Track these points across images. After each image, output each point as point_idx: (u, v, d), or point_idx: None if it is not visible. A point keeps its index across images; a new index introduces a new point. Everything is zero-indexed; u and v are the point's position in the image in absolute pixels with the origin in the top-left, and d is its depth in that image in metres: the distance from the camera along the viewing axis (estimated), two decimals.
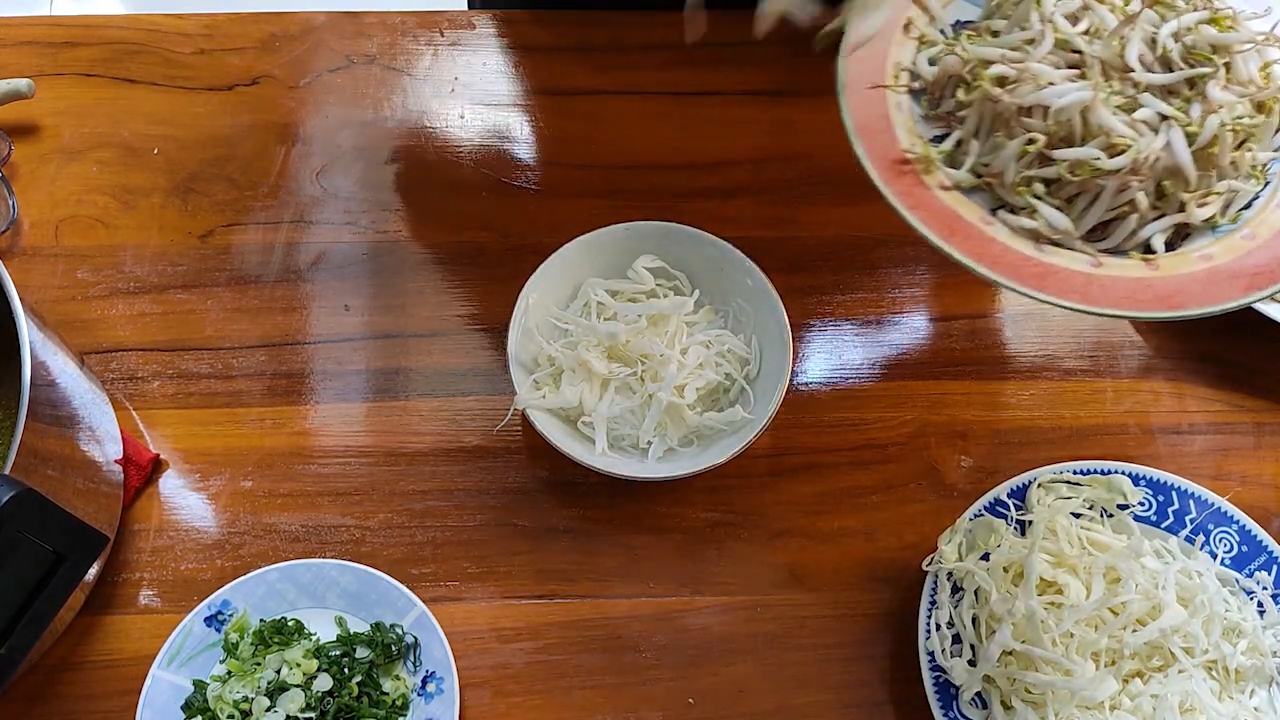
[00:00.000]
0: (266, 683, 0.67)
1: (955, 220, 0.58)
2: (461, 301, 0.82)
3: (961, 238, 0.57)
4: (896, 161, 0.60)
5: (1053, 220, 0.57)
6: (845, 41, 0.61)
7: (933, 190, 0.59)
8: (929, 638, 0.69)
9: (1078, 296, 0.55)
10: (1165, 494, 0.73)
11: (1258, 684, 0.68)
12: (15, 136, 0.86)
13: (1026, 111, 0.59)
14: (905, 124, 0.61)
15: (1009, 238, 0.58)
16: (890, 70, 0.63)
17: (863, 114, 0.60)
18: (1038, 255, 0.57)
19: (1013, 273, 0.56)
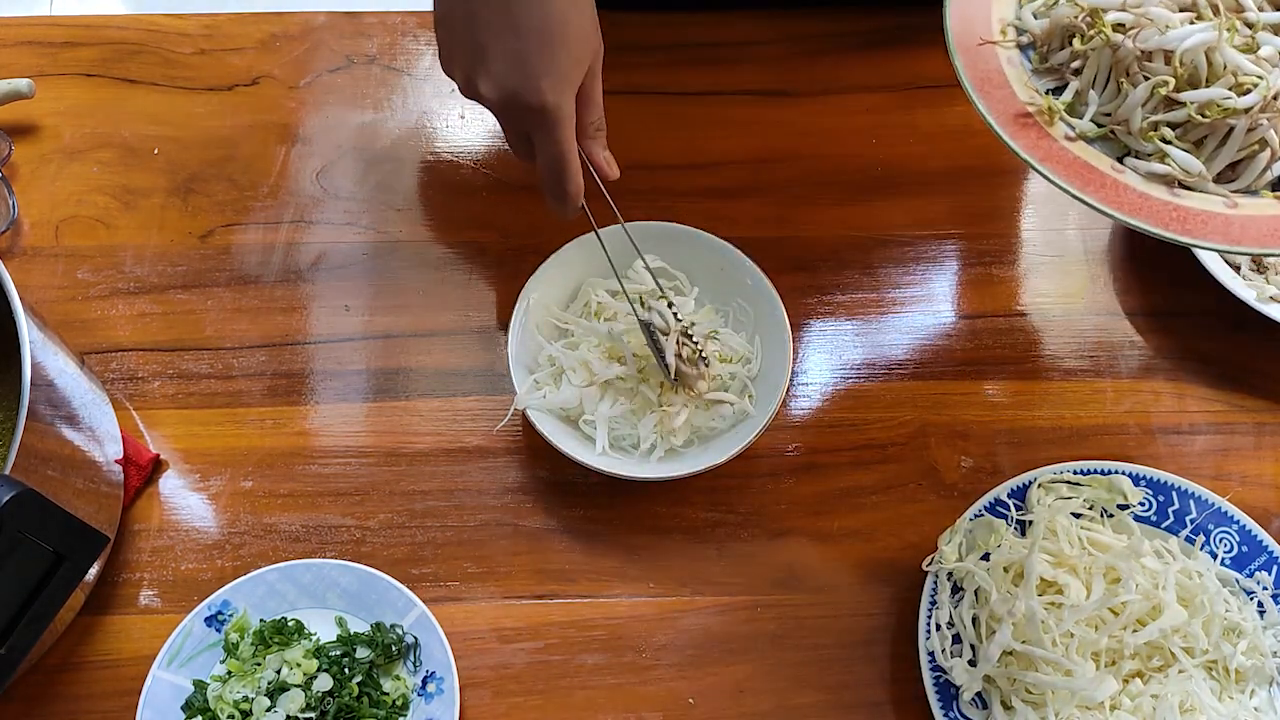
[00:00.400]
0: (266, 683, 0.67)
1: (1087, 170, 0.58)
2: (461, 301, 0.82)
3: (1096, 187, 0.57)
4: (1018, 115, 0.60)
5: (1185, 164, 0.57)
6: None
7: (1059, 141, 0.59)
8: (929, 638, 0.69)
9: (1220, 237, 0.55)
10: (1165, 494, 0.73)
11: (1258, 684, 0.68)
12: (15, 136, 0.86)
13: (1148, 56, 0.58)
14: (1020, 78, 0.61)
15: (1142, 184, 0.58)
16: (996, 25, 0.63)
17: (977, 71, 0.60)
18: (1173, 199, 0.57)
19: (1152, 217, 0.56)
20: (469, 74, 0.65)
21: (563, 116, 0.64)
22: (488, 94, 0.64)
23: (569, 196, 0.68)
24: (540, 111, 0.63)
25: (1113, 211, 0.56)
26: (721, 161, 0.88)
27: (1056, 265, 0.85)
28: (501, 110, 0.65)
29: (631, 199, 0.85)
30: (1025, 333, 0.82)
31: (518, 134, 0.68)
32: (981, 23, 0.63)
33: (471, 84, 0.65)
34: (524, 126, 0.66)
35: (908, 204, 0.86)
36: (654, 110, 0.90)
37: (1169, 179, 0.58)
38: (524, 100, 0.63)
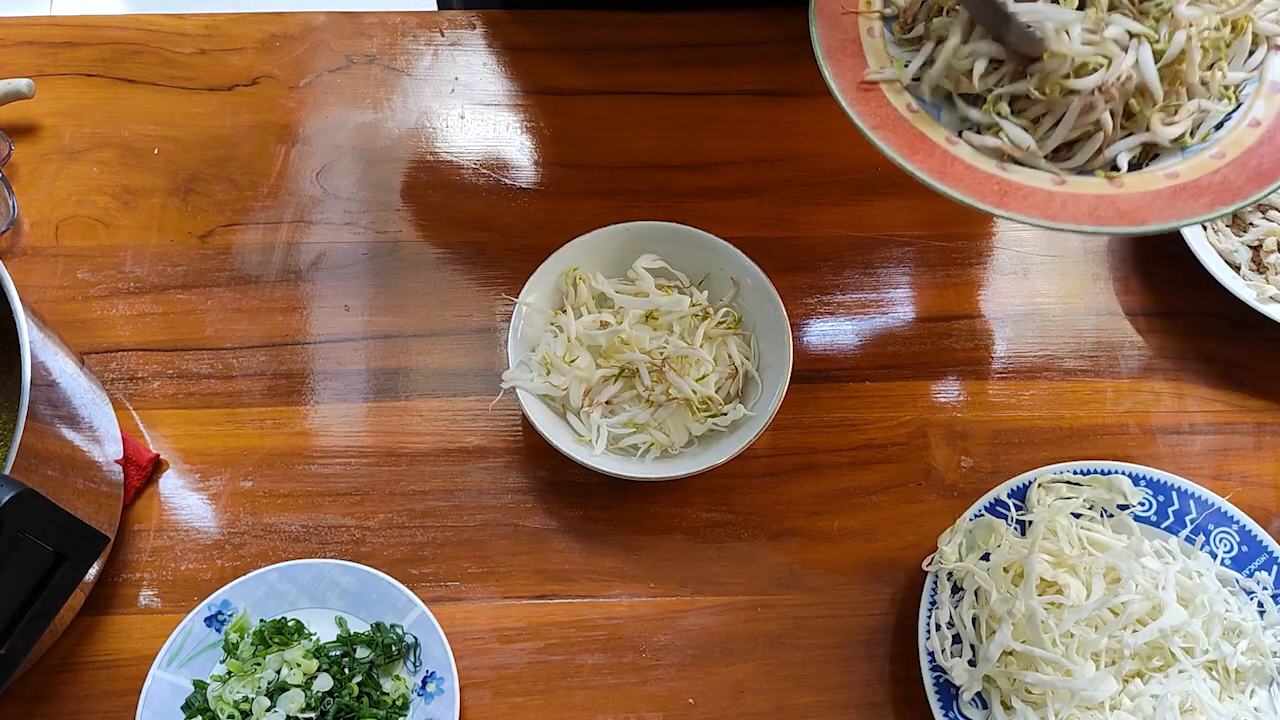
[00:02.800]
0: (266, 683, 0.67)
1: (919, 139, 0.58)
2: (462, 301, 0.82)
3: (924, 156, 0.57)
4: (863, 84, 0.60)
5: (1016, 138, 0.57)
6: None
7: (899, 110, 0.59)
8: (929, 638, 0.69)
9: (1038, 213, 0.55)
10: (1165, 494, 0.73)
11: (1258, 684, 0.68)
12: (15, 136, 0.86)
13: None
14: (876, 49, 0.61)
15: (972, 156, 0.58)
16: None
17: (833, 38, 0.61)
18: (1000, 173, 0.57)
19: (974, 190, 0.56)
20: None
21: None
22: None
23: None
24: None
25: (934, 182, 0.56)
26: (721, 161, 0.88)
27: (1056, 265, 0.85)
28: None
29: (631, 199, 0.85)
30: (1025, 333, 0.82)
31: None
32: None
33: None
34: None
35: (908, 204, 0.86)
36: (654, 110, 0.90)
37: (1000, 152, 0.58)
38: None
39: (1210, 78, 0.58)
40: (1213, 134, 0.58)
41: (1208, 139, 0.58)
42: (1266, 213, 0.82)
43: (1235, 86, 0.59)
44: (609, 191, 0.86)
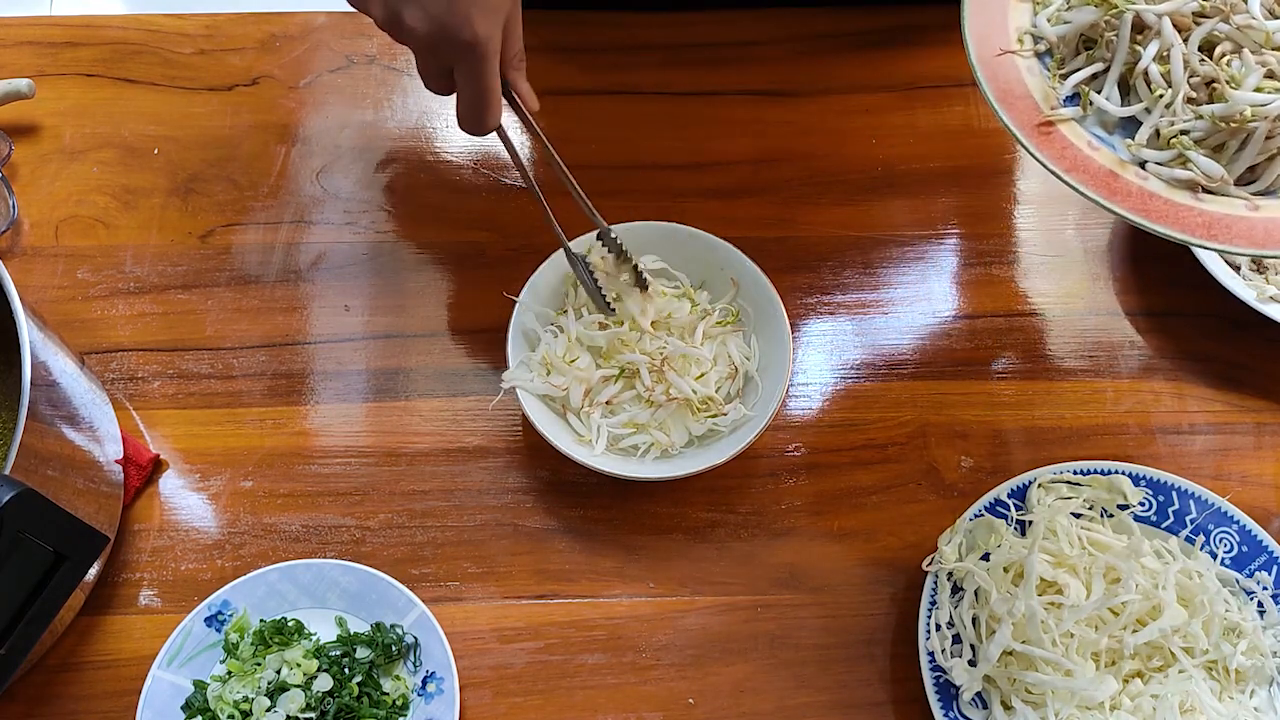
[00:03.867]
0: (266, 683, 0.67)
1: (1113, 179, 0.59)
2: (462, 301, 0.82)
3: (1123, 196, 0.58)
4: (1041, 125, 0.61)
5: (1209, 170, 0.58)
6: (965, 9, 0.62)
7: (1083, 149, 0.60)
8: (929, 638, 0.69)
9: (1246, 242, 0.56)
10: (1165, 494, 0.73)
11: (1258, 684, 0.68)
12: (15, 136, 0.86)
13: (1165, 60, 0.60)
14: (1040, 87, 0.62)
15: (1166, 190, 0.59)
16: (1014, 35, 0.63)
17: (998, 83, 0.61)
18: (1198, 205, 0.58)
19: (1181, 225, 0.57)
20: (392, 6, 0.62)
21: (491, 50, 0.62)
22: (414, 25, 0.61)
23: (487, 128, 0.67)
24: (470, 45, 0.61)
25: (1143, 221, 0.57)
26: (721, 161, 0.88)
27: (1056, 265, 0.85)
28: (427, 43, 0.62)
29: (632, 199, 0.85)
30: (1025, 333, 0.82)
31: (439, 68, 0.65)
32: (999, 32, 0.63)
33: (395, 17, 0.62)
34: (449, 60, 0.63)
35: (908, 204, 0.86)
36: (654, 110, 0.90)
37: (1192, 184, 0.58)
38: (453, 33, 0.61)
39: None
40: None
41: None
42: None
43: None
44: (609, 191, 0.86)
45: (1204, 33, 0.60)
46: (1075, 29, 0.62)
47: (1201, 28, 0.60)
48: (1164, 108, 0.59)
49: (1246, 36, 0.59)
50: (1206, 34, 0.60)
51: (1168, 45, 0.59)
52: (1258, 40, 0.59)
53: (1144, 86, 0.60)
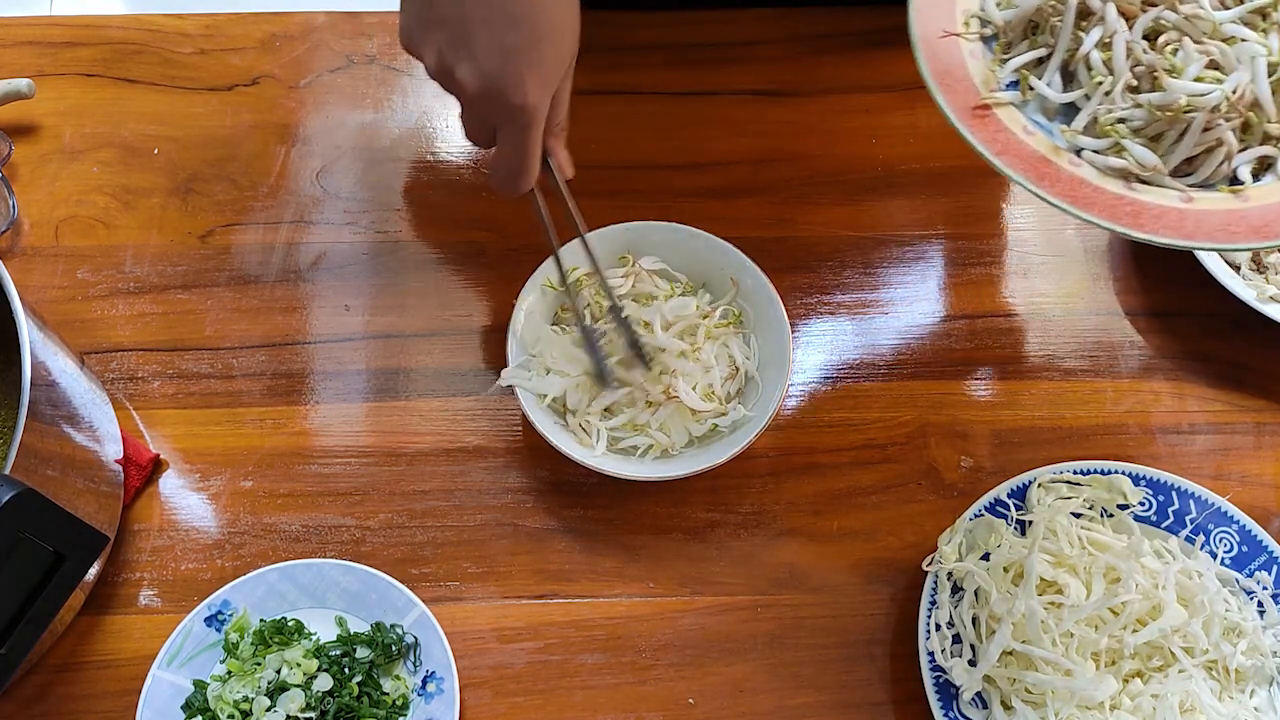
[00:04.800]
0: (266, 683, 0.67)
1: (1043, 163, 0.58)
2: (461, 301, 0.82)
3: (1052, 181, 0.57)
4: (977, 109, 0.60)
5: (1142, 158, 0.57)
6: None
7: (1017, 134, 0.59)
8: (929, 638, 0.69)
9: (1173, 233, 0.55)
10: (1165, 494, 0.73)
11: (1258, 684, 0.68)
12: (15, 136, 0.86)
13: (1107, 46, 0.59)
14: (981, 71, 0.61)
15: (1098, 178, 0.58)
16: (960, 17, 0.62)
17: (939, 64, 0.60)
18: (1129, 194, 0.57)
19: (1108, 213, 0.56)
20: (446, 57, 0.61)
21: (539, 117, 0.62)
22: (466, 81, 0.61)
23: (519, 191, 0.66)
24: (519, 110, 0.61)
25: (1068, 206, 0.56)
26: (721, 161, 0.88)
27: (1056, 265, 0.85)
28: (476, 101, 0.62)
29: (631, 199, 0.85)
30: (1025, 333, 0.82)
31: (484, 124, 0.64)
32: (945, 14, 0.62)
33: (446, 68, 0.61)
34: (495, 120, 0.63)
35: (908, 204, 0.86)
36: (654, 110, 0.90)
37: (1126, 173, 0.58)
38: (505, 96, 0.60)
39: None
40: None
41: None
42: None
43: None
44: (609, 191, 0.86)
45: (1149, 20, 0.59)
46: (1022, 13, 0.61)
47: (1147, 15, 0.59)
48: (1103, 95, 0.58)
49: (1193, 26, 0.58)
50: (1152, 22, 0.59)
51: (1111, 32, 0.58)
52: (1204, 30, 0.58)
53: (1085, 73, 0.59)
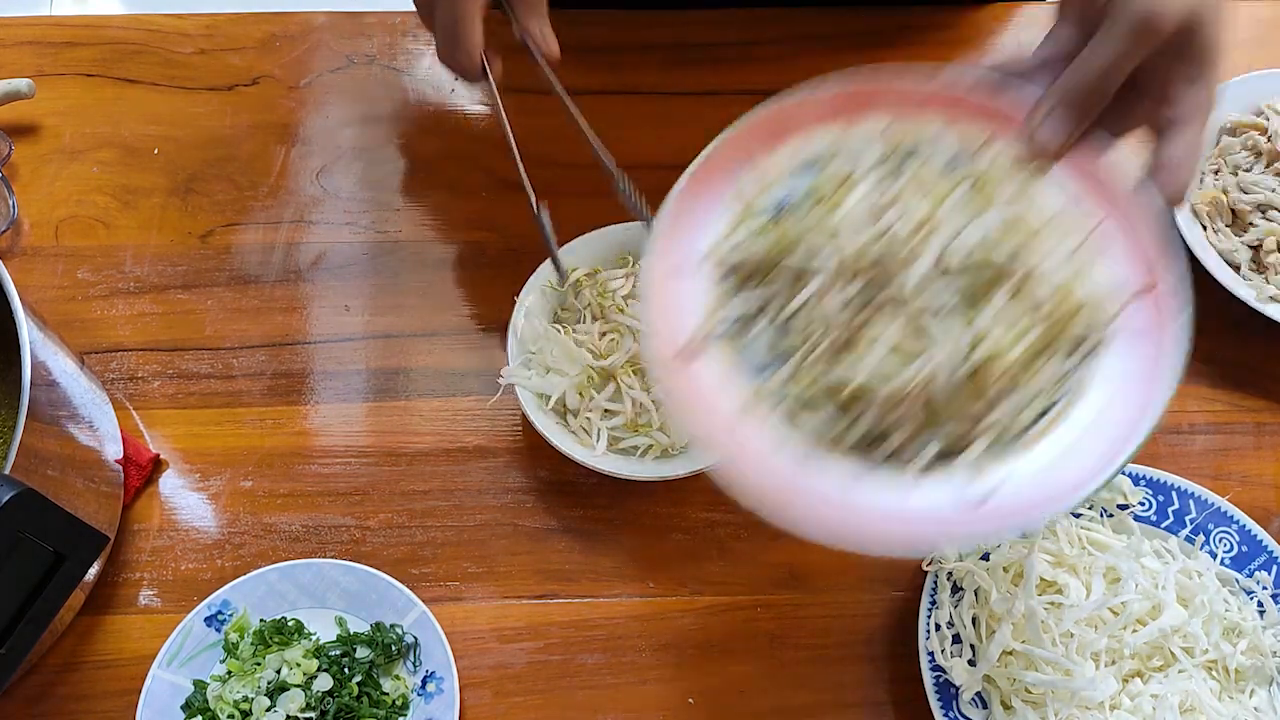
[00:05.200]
0: (266, 683, 0.67)
1: (724, 419, 0.54)
2: (461, 301, 0.82)
3: (721, 439, 0.53)
4: (684, 351, 0.55)
5: (815, 429, 0.54)
6: None
7: (711, 385, 0.54)
8: (929, 638, 0.69)
9: (816, 530, 0.51)
10: (1165, 494, 0.73)
11: (1258, 684, 0.68)
12: (15, 136, 0.86)
13: None
14: (702, 312, 0.56)
15: (771, 444, 0.54)
16: (701, 252, 0.57)
17: (658, 300, 0.55)
18: (796, 468, 0.53)
19: (757, 486, 0.52)
20: None
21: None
22: None
23: (458, 64, 0.59)
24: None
25: (724, 475, 0.52)
26: None
27: None
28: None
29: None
30: None
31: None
32: (686, 246, 0.56)
33: None
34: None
35: None
36: (654, 110, 0.89)
37: (804, 440, 0.54)
38: None
39: (1022, 377, 0.53)
40: (1027, 430, 0.54)
41: (1027, 432, 0.53)
42: (1266, 213, 0.82)
43: (1051, 384, 0.54)
44: (609, 191, 0.86)
45: (861, 284, 0.54)
46: (752, 258, 0.56)
47: (859, 279, 0.53)
48: (802, 356, 0.54)
49: (905, 297, 0.53)
50: (865, 286, 0.54)
51: (824, 291, 0.54)
52: (917, 303, 0.53)
53: (794, 330, 0.55)
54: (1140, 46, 0.50)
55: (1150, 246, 0.52)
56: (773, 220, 0.55)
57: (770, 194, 0.56)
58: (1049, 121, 0.52)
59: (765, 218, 0.56)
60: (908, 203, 0.52)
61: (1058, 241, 0.52)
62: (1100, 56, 0.50)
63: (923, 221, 0.52)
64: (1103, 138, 0.53)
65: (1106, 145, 0.53)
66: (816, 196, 0.55)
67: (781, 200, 0.56)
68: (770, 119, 0.57)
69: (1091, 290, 0.52)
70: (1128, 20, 0.49)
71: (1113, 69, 0.50)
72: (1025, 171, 0.54)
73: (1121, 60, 0.50)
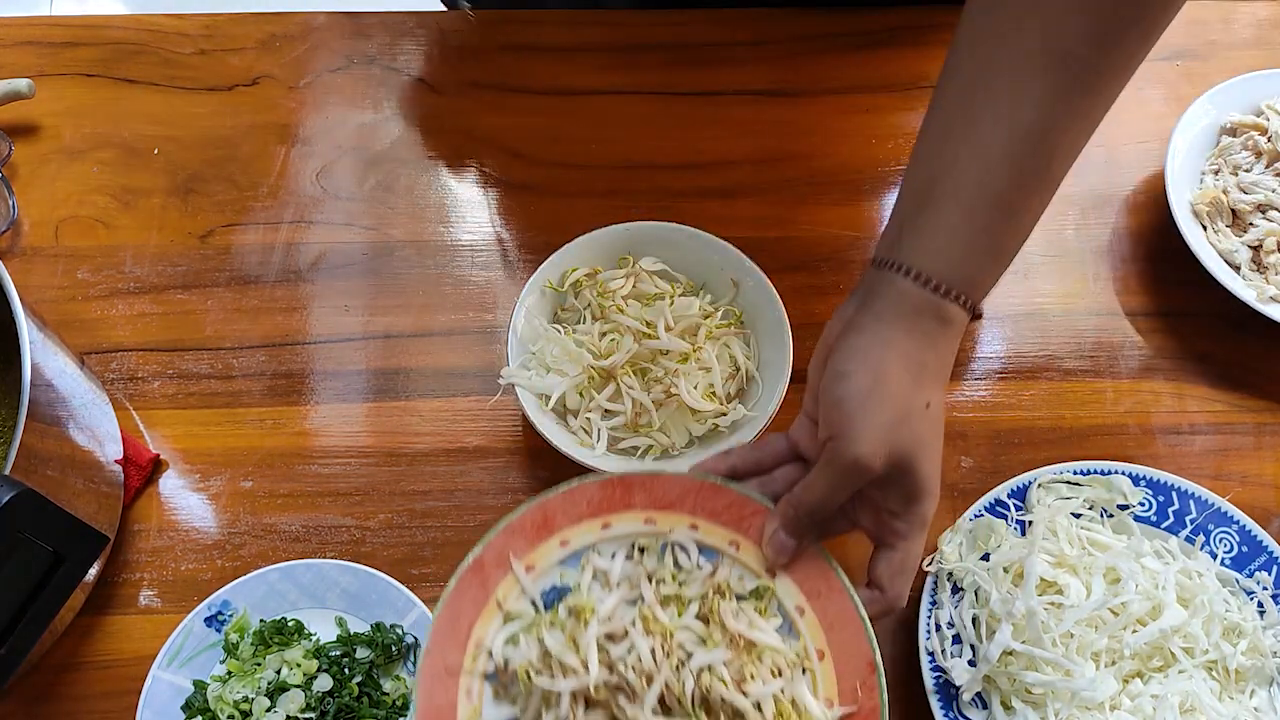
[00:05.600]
0: (266, 683, 0.67)
1: None
2: (461, 301, 0.82)
3: None
4: None
5: None
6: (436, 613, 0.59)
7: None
8: (929, 638, 0.69)
9: None
10: (1165, 494, 0.73)
11: (1258, 684, 0.68)
12: (15, 136, 0.86)
13: None
14: (470, 712, 0.57)
15: None
16: (471, 648, 0.59)
17: (431, 700, 0.57)
18: None
19: None
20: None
21: None
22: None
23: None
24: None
25: None
26: (721, 161, 0.88)
27: (1056, 265, 0.85)
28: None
29: (631, 199, 0.86)
30: (1025, 333, 0.82)
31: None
32: (461, 637, 0.58)
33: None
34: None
35: None
36: (654, 110, 0.90)
37: None
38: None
39: None
40: None
41: None
42: (1266, 213, 0.82)
43: None
44: (609, 191, 0.86)
45: (599, 715, 0.56)
46: (513, 664, 0.58)
47: (597, 710, 0.56)
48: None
49: None
50: (602, 716, 0.57)
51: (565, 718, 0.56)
52: None
53: None
54: (852, 483, 0.56)
55: (858, 669, 0.57)
56: (535, 622, 0.59)
57: (538, 584, 0.60)
58: (774, 539, 0.59)
59: (529, 619, 0.60)
60: (647, 626, 0.57)
61: (775, 672, 0.58)
62: (817, 489, 0.57)
63: (656, 651, 0.57)
64: (823, 554, 0.60)
65: (829, 562, 0.60)
66: (570, 608, 0.59)
67: (547, 595, 0.61)
68: (537, 514, 0.61)
69: (807, 714, 0.57)
70: (840, 462, 0.55)
71: (827, 500, 0.57)
72: (757, 583, 0.60)
73: (835, 493, 0.57)
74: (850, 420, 0.55)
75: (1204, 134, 0.86)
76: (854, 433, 0.55)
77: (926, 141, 0.57)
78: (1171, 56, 0.93)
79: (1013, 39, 0.53)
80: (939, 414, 0.58)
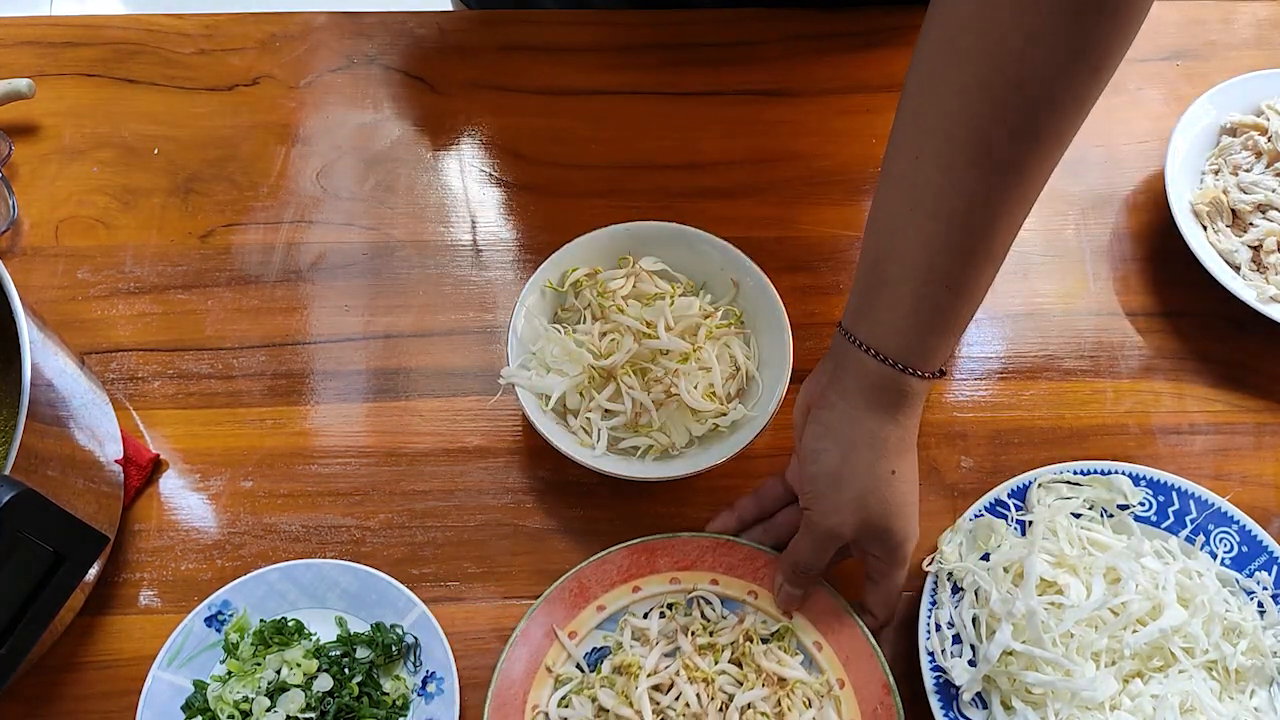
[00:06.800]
0: (267, 683, 0.67)
1: None
2: (461, 301, 0.82)
3: None
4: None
5: None
6: None
7: None
8: (929, 638, 0.69)
9: None
10: (1165, 494, 0.73)
11: (1258, 684, 0.68)
12: (15, 136, 0.86)
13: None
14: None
15: None
16: (529, 712, 0.68)
17: None
18: None
19: None
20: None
21: None
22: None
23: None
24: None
25: None
26: (721, 161, 0.88)
27: (1056, 265, 0.85)
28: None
29: (631, 199, 0.86)
30: (1025, 333, 0.82)
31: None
32: (518, 706, 0.68)
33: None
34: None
35: None
36: (654, 110, 0.90)
37: None
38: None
39: None
40: None
41: None
42: (1266, 213, 0.82)
43: None
44: (609, 191, 0.86)
45: None
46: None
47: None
48: None
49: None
50: None
51: None
52: None
53: None
54: (831, 546, 0.66)
55: (876, 693, 0.67)
56: (583, 683, 0.68)
57: (580, 648, 0.70)
58: (782, 594, 0.69)
59: (578, 680, 0.69)
60: (690, 674, 0.67)
61: (807, 703, 0.68)
62: (804, 550, 0.67)
63: (701, 695, 0.67)
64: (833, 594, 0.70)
65: (836, 599, 0.70)
66: (617, 665, 0.68)
67: (588, 656, 0.70)
68: (573, 584, 0.70)
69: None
70: (817, 531, 0.65)
71: (814, 559, 0.67)
72: (777, 625, 0.70)
73: (819, 554, 0.66)
74: (822, 497, 0.64)
75: (1204, 134, 0.86)
76: (826, 507, 0.64)
77: (877, 215, 0.62)
78: (1171, 56, 0.93)
79: (941, 132, 0.56)
80: (907, 476, 0.65)
